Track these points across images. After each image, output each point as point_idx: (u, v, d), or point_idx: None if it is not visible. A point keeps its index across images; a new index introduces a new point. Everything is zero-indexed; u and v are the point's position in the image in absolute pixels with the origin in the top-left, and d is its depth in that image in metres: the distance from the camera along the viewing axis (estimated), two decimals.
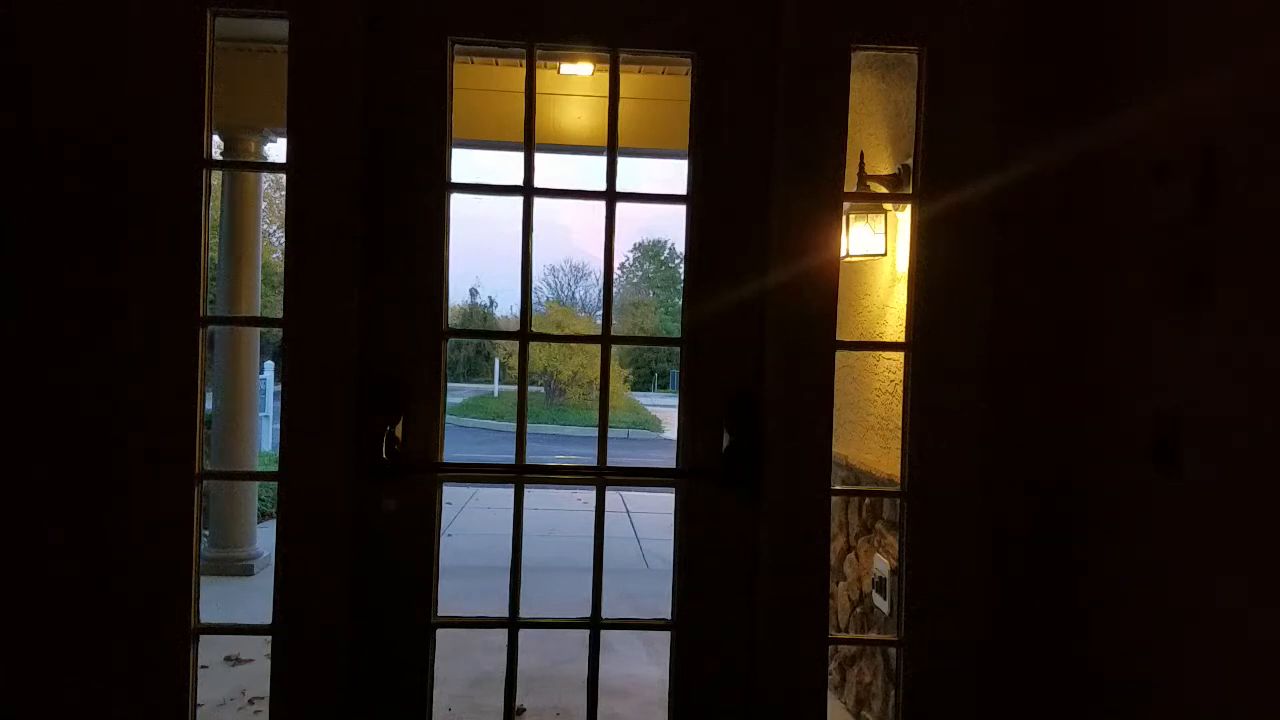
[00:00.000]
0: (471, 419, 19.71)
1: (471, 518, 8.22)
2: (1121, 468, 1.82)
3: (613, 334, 2.11)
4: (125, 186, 1.80)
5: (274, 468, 1.92)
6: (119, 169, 1.80)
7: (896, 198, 3.26)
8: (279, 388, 3.42)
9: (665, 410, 19.89)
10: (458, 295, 30.78)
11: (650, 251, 35.29)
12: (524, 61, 1.94)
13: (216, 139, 5.47)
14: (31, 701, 1.82)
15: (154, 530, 1.82)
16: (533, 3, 1.95)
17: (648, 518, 8.38)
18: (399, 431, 1.88)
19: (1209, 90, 1.62)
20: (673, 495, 2.05)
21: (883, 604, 3.39)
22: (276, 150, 6.14)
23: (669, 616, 2.01)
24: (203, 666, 1.96)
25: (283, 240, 1.89)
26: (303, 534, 1.86)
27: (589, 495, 2.98)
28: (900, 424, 2.00)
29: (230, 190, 5.85)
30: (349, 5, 1.84)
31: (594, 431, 2.14)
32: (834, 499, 2.13)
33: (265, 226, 12.06)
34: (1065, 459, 1.93)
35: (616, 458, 2.09)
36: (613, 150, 1.98)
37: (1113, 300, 1.87)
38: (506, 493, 2.09)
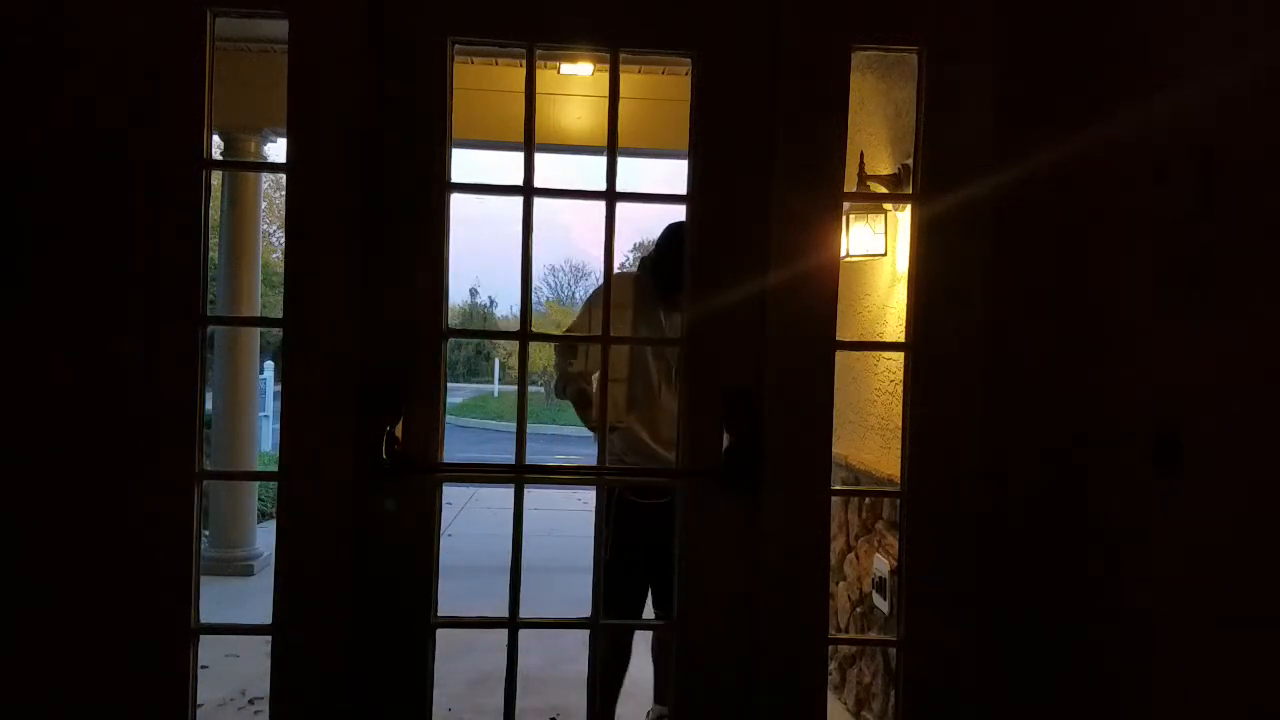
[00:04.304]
0: (471, 419, 19.71)
1: (471, 518, 8.21)
2: (1121, 468, 1.82)
3: (612, 334, 2.12)
4: (124, 187, 1.80)
5: (274, 468, 1.92)
6: (118, 169, 1.80)
7: (896, 198, 3.26)
8: (279, 388, 3.42)
9: None
10: (458, 295, 30.78)
11: None
12: (524, 61, 1.94)
13: (216, 139, 5.47)
14: (32, 701, 1.82)
15: (154, 530, 1.82)
16: (533, 3, 1.95)
17: None
18: (399, 431, 1.88)
19: (1209, 91, 1.62)
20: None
21: (883, 604, 3.38)
22: (276, 150, 6.14)
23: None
24: (203, 666, 1.95)
25: (283, 240, 1.88)
26: (303, 534, 1.86)
27: (589, 495, 2.98)
28: (900, 424, 2.00)
29: (230, 190, 5.84)
30: (349, 5, 1.84)
31: None
32: (834, 499, 2.13)
33: (265, 226, 12.04)
34: (1065, 459, 1.93)
35: None
36: (613, 150, 1.97)
37: (1112, 300, 1.87)
38: (506, 493, 2.09)
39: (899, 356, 2.68)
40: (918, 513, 1.97)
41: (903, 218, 3.13)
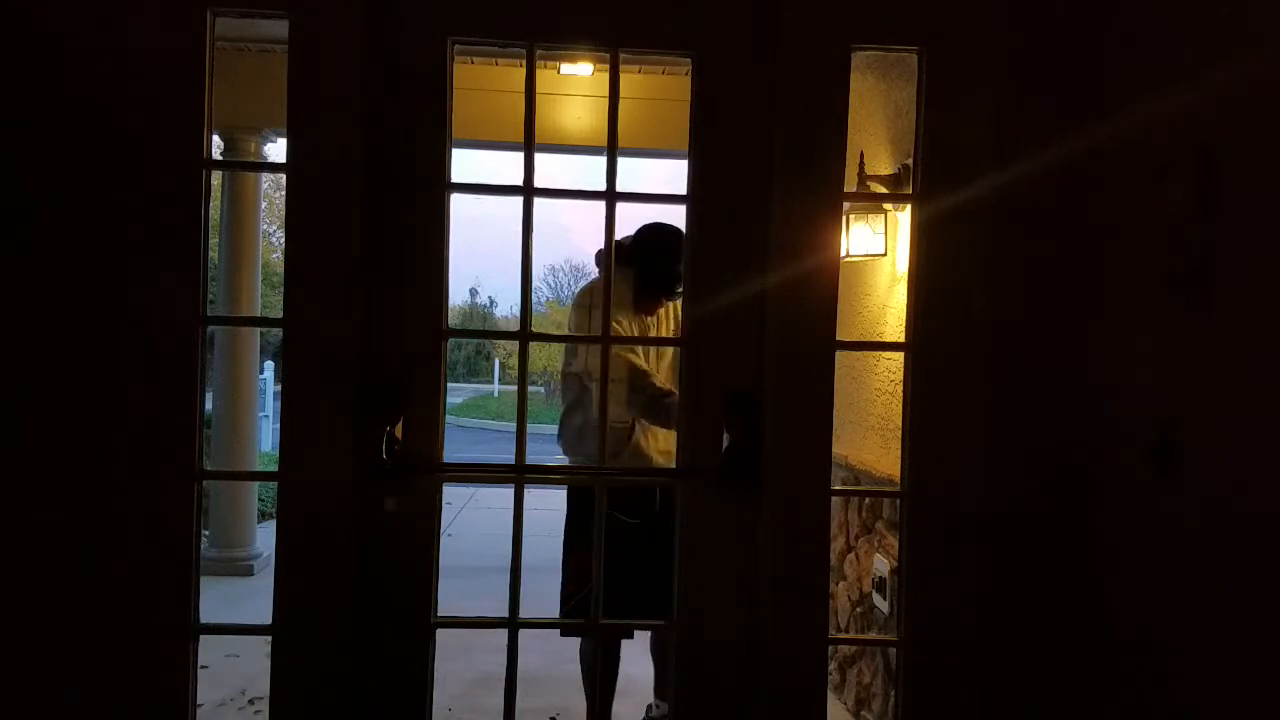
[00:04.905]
0: (471, 419, 19.70)
1: (471, 518, 8.22)
2: (1121, 467, 1.82)
3: (612, 334, 2.11)
4: (125, 187, 1.80)
5: (274, 468, 1.92)
6: (119, 169, 1.80)
7: (896, 198, 3.25)
8: (279, 388, 3.42)
9: None
10: (458, 295, 30.79)
11: None
12: (524, 61, 1.94)
13: (216, 139, 5.47)
14: (32, 702, 1.82)
15: (154, 530, 1.82)
16: (533, 3, 1.95)
17: None
18: (399, 431, 1.88)
19: (1209, 90, 1.62)
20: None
21: (883, 604, 3.38)
22: (276, 150, 6.14)
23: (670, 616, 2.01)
24: (203, 666, 1.95)
25: (283, 240, 1.88)
26: (303, 534, 1.86)
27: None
28: (900, 424, 2.00)
29: (230, 190, 5.84)
30: (349, 5, 1.84)
31: None
32: (834, 499, 2.13)
33: (265, 226, 12.07)
34: (1065, 458, 1.93)
35: None
36: (613, 150, 1.97)
37: (1113, 300, 1.87)
38: (506, 493, 2.09)
39: (899, 356, 2.68)
40: (918, 512, 1.97)
41: (903, 218, 3.13)
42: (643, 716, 3.37)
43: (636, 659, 3.29)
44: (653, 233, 2.97)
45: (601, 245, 3.08)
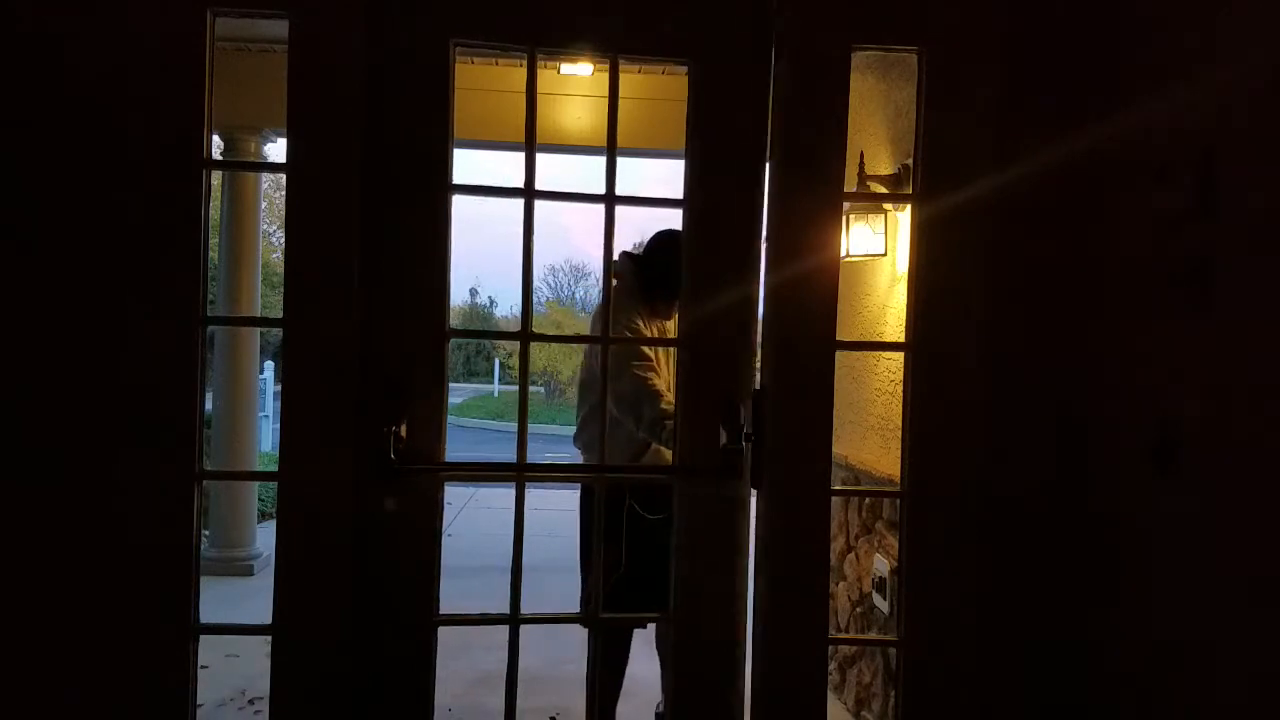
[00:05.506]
0: (471, 419, 19.72)
1: (471, 517, 8.21)
2: (1121, 466, 1.82)
3: (611, 334, 2.11)
4: (125, 187, 1.80)
5: (274, 468, 1.92)
6: (118, 169, 1.80)
7: (896, 198, 3.26)
8: (279, 388, 3.42)
9: None
10: (458, 295, 30.80)
11: None
12: (524, 61, 1.94)
13: (216, 139, 5.47)
14: (31, 702, 1.82)
15: (154, 530, 1.82)
16: (533, 5, 1.95)
17: None
18: (401, 431, 1.88)
19: (1209, 91, 1.62)
20: None
21: (883, 604, 3.39)
22: (276, 150, 6.14)
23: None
24: (203, 666, 1.95)
25: (283, 240, 1.88)
26: (303, 534, 1.86)
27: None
28: (900, 424, 2.00)
29: (230, 190, 5.84)
30: (349, 5, 1.84)
31: None
32: (834, 499, 2.13)
33: (265, 226, 12.07)
34: (1065, 458, 1.93)
35: None
36: (612, 153, 1.97)
37: (1113, 300, 1.87)
38: (506, 492, 2.09)
39: (899, 356, 2.68)
40: (918, 512, 1.97)
41: (903, 218, 3.13)
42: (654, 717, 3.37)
43: (637, 658, 3.29)
44: (666, 239, 2.99)
45: (631, 247, 3.13)
